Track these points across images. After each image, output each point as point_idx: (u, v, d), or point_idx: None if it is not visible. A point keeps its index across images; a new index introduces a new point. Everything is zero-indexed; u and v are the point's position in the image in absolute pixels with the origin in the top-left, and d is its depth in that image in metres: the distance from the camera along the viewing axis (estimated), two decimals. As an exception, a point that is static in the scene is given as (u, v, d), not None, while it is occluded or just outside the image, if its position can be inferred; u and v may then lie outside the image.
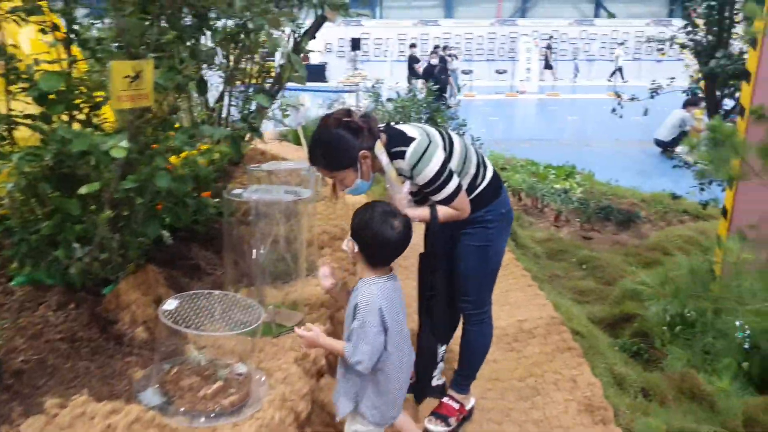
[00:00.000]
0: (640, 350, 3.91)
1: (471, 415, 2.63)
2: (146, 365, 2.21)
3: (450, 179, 2.18)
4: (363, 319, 1.89)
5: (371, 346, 1.88)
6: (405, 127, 2.25)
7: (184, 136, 2.12)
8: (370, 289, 1.93)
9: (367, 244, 1.95)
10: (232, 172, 4.24)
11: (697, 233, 6.15)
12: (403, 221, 1.97)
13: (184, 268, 2.90)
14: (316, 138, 2.15)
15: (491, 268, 2.44)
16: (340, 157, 2.11)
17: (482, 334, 2.51)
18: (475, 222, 2.34)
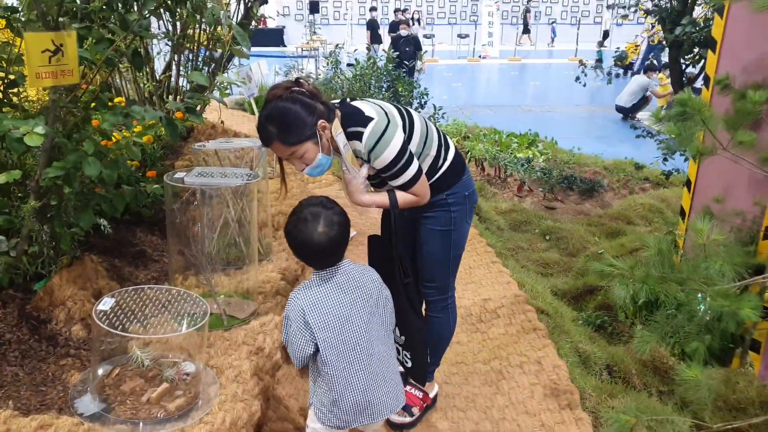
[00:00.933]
0: (604, 323, 3.91)
1: (435, 402, 2.54)
2: (84, 368, 2.04)
3: (410, 163, 2.02)
4: (286, 312, 1.83)
5: (290, 342, 1.81)
6: (362, 105, 2.06)
7: (116, 118, 1.90)
8: (298, 292, 1.84)
9: (293, 246, 1.83)
10: (180, 147, 4.00)
11: (659, 201, 6.18)
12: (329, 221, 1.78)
13: (128, 255, 2.70)
14: (266, 114, 1.91)
15: (455, 253, 2.31)
16: (298, 128, 1.89)
17: (447, 321, 2.40)
18: (437, 205, 2.20)
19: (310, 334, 1.77)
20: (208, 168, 2.46)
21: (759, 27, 3.16)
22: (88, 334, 2.17)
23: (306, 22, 17.64)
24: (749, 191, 3.21)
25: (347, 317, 1.80)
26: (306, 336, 1.77)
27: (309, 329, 1.76)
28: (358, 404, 1.81)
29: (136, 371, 2.05)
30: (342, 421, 1.82)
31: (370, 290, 1.88)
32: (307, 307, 1.77)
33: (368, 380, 1.82)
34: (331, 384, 1.79)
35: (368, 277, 1.91)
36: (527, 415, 2.45)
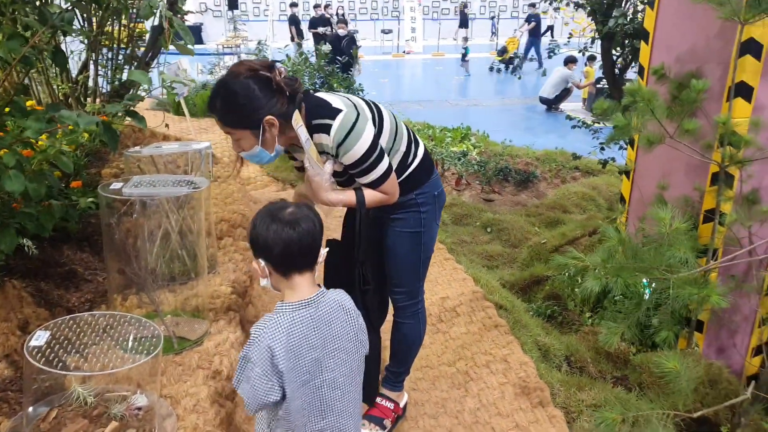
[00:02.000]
0: (554, 313, 3.93)
1: (404, 412, 2.43)
2: (15, 412, 1.79)
3: (380, 159, 1.89)
4: (247, 352, 1.48)
5: (251, 386, 1.46)
6: (328, 96, 1.91)
7: (39, 124, 1.66)
8: (267, 322, 1.49)
9: (267, 251, 1.52)
10: (105, 154, 3.69)
11: (591, 189, 6.35)
12: (295, 212, 1.53)
13: (57, 277, 2.43)
14: (220, 84, 1.79)
15: (425, 256, 2.20)
16: (241, 113, 1.76)
17: (417, 327, 2.29)
18: (405, 206, 2.08)
19: (278, 380, 1.47)
20: (146, 176, 2.23)
21: (689, 18, 3.23)
22: (15, 373, 1.92)
23: (225, 19, 17.11)
24: (687, 177, 3.28)
25: (317, 360, 1.53)
26: (272, 382, 1.46)
27: (277, 375, 1.46)
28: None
29: (77, 411, 1.81)
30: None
31: (349, 323, 1.60)
32: (276, 345, 1.45)
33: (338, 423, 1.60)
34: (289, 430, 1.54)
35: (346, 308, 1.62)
36: (500, 417, 2.39)
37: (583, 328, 3.66)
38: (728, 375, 2.80)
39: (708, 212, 2.75)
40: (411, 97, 13.19)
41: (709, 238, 2.71)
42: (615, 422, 1.75)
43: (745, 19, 2.40)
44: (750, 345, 2.84)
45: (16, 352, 1.92)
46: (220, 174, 4.16)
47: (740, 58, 2.54)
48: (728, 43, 2.70)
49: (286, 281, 1.54)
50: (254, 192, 5.31)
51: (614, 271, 2.01)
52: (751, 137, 2.43)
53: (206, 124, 7.03)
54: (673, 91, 2.91)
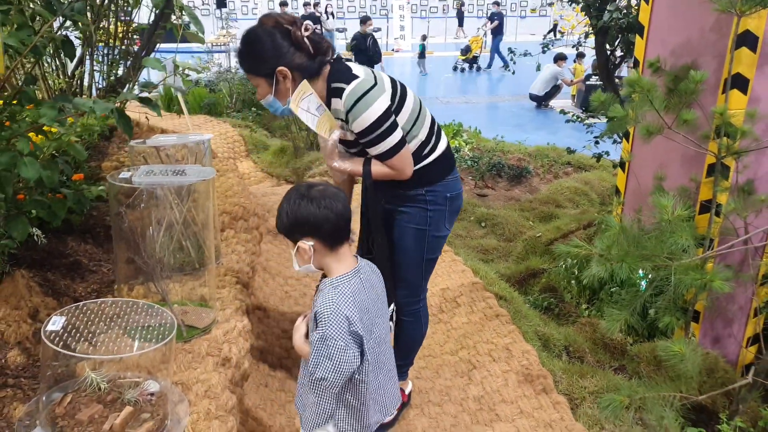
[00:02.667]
0: (551, 305, 3.98)
1: (410, 399, 2.47)
2: (28, 398, 1.80)
3: (392, 131, 1.87)
4: (324, 332, 1.55)
5: (335, 362, 1.55)
6: (354, 65, 1.94)
7: (52, 112, 1.67)
8: (333, 295, 1.59)
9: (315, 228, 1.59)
10: (104, 148, 3.69)
11: (583, 184, 6.42)
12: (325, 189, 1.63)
13: (62, 267, 2.44)
14: (247, 31, 1.89)
15: (429, 256, 2.17)
16: (257, 60, 1.87)
17: (417, 325, 2.30)
18: (413, 200, 2.06)
19: (359, 346, 1.58)
20: (155, 166, 2.24)
21: (683, 11, 3.28)
22: (27, 359, 1.92)
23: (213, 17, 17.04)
24: (683, 168, 3.34)
25: (374, 317, 1.68)
26: (353, 349, 1.56)
27: (357, 340, 1.57)
28: (379, 405, 1.73)
29: (91, 396, 1.82)
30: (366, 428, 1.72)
31: (379, 289, 1.78)
32: (351, 311, 1.56)
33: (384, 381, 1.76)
34: (360, 394, 1.66)
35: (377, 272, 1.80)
36: (504, 404, 2.43)
37: (580, 319, 3.70)
38: (724, 364, 2.85)
39: (704, 203, 2.80)
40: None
41: (705, 228, 2.76)
42: (622, 404, 1.79)
43: (741, 11, 2.45)
44: (746, 334, 2.90)
45: (27, 339, 1.92)
46: (219, 168, 4.17)
47: (736, 50, 2.59)
48: (723, 36, 2.76)
49: (334, 255, 1.64)
50: (250, 187, 5.31)
51: (619, 258, 2.05)
52: (747, 128, 2.48)
53: (199, 121, 7.03)
54: (668, 83, 2.96)
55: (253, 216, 3.49)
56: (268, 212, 4.37)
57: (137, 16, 4.41)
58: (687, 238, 2.15)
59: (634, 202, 3.77)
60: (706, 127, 2.70)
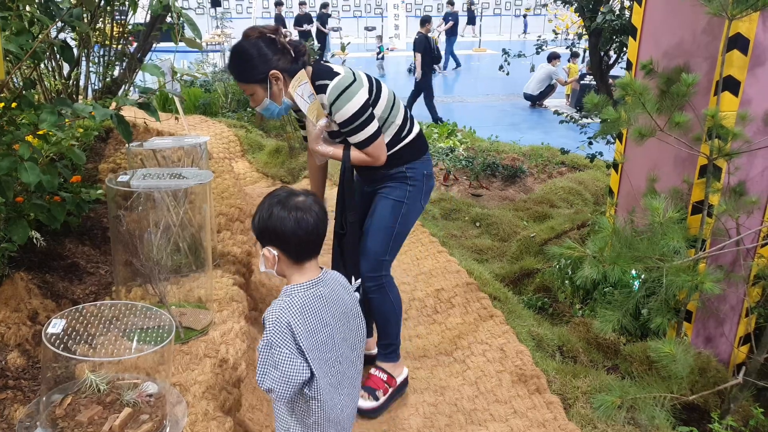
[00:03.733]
0: (545, 305, 4.01)
1: (405, 387, 2.53)
2: (28, 399, 1.81)
3: (369, 122, 2.13)
4: (268, 339, 1.49)
5: (281, 371, 1.47)
6: (334, 65, 2.20)
7: (52, 117, 1.69)
8: (282, 303, 1.53)
9: (280, 239, 1.54)
10: (101, 150, 3.70)
11: (577, 184, 6.45)
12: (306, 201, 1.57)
13: (60, 270, 2.45)
14: (235, 46, 2.13)
15: (400, 228, 2.36)
16: (249, 69, 2.08)
17: (385, 300, 2.40)
18: (395, 178, 2.30)
19: (303, 357, 1.49)
20: (153, 169, 2.26)
21: (676, 14, 3.32)
22: (27, 361, 1.94)
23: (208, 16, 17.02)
24: (675, 170, 3.37)
25: (335, 333, 1.58)
26: (299, 360, 1.48)
27: (301, 353, 1.49)
28: (340, 426, 1.63)
29: (91, 398, 1.84)
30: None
31: (349, 303, 1.67)
32: (296, 321, 1.49)
33: (344, 402, 1.64)
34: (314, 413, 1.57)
35: (345, 287, 1.69)
36: (498, 404, 2.46)
37: (574, 319, 3.73)
38: (716, 364, 2.89)
39: (696, 204, 2.84)
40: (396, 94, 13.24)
41: (697, 229, 2.79)
42: (614, 405, 1.82)
43: (732, 14, 2.49)
44: (737, 334, 2.93)
45: (27, 341, 1.94)
46: (215, 169, 4.18)
47: (728, 53, 2.63)
48: (715, 39, 2.79)
49: (297, 266, 1.57)
50: (245, 188, 5.32)
51: (611, 259, 2.08)
52: (738, 130, 2.52)
53: (194, 121, 7.03)
54: (661, 85, 2.99)
55: (249, 217, 3.51)
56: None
57: (133, 17, 4.42)
58: (678, 240, 2.18)
59: (627, 203, 3.80)
60: (698, 129, 2.73)
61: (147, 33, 4.38)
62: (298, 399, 1.56)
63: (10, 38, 1.86)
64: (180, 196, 2.35)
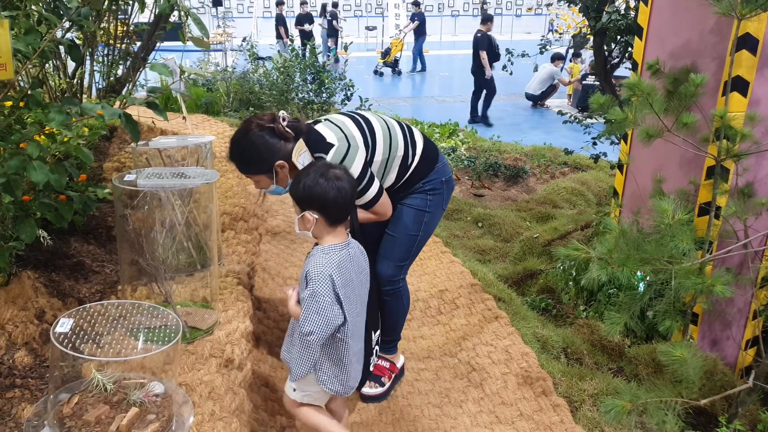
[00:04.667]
0: (548, 306, 4.00)
1: (403, 373, 2.62)
2: (35, 398, 1.81)
3: (371, 185, 2.12)
4: (313, 289, 1.78)
5: (322, 317, 1.77)
6: (323, 129, 2.13)
7: (60, 116, 1.68)
8: (322, 260, 1.82)
9: (324, 205, 1.82)
10: (105, 148, 3.69)
11: (580, 185, 6.44)
12: (340, 173, 1.88)
13: (66, 268, 2.44)
14: (236, 139, 2.10)
15: (422, 236, 2.36)
16: (255, 163, 2.08)
17: (398, 304, 2.46)
18: (415, 192, 2.30)
19: (340, 305, 1.80)
20: (159, 168, 2.25)
21: (682, 14, 3.31)
22: (34, 360, 1.93)
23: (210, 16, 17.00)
24: (682, 171, 3.36)
25: (356, 290, 1.88)
26: (337, 307, 1.79)
27: (339, 301, 1.79)
28: (357, 373, 1.96)
29: (98, 397, 1.83)
30: (344, 388, 1.94)
31: (365, 267, 1.98)
32: (335, 274, 1.79)
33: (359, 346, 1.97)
34: (341, 351, 1.88)
35: (364, 254, 2.00)
36: (504, 406, 2.45)
37: (578, 321, 3.72)
38: (723, 367, 2.88)
39: (703, 205, 2.83)
40: (397, 94, 13.24)
41: (704, 230, 2.78)
42: (624, 409, 1.81)
43: (741, 14, 2.48)
44: (745, 337, 2.92)
45: (34, 340, 1.93)
46: (218, 168, 4.17)
47: (736, 53, 2.62)
48: (723, 38, 2.78)
49: (331, 229, 1.87)
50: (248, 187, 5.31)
51: (620, 261, 2.07)
52: (747, 131, 2.51)
53: (196, 120, 7.01)
54: (667, 86, 2.98)
55: (253, 217, 3.50)
56: (266, 212, 4.38)
57: (137, 16, 4.41)
58: (687, 241, 2.17)
59: (632, 203, 3.79)
60: (706, 130, 2.72)
61: (151, 32, 4.37)
62: (328, 341, 1.87)
63: (18, 37, 1.85)
64: (185, 195, 2.35)
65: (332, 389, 1.93)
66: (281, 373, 2.73)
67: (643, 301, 2.41)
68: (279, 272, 3.60)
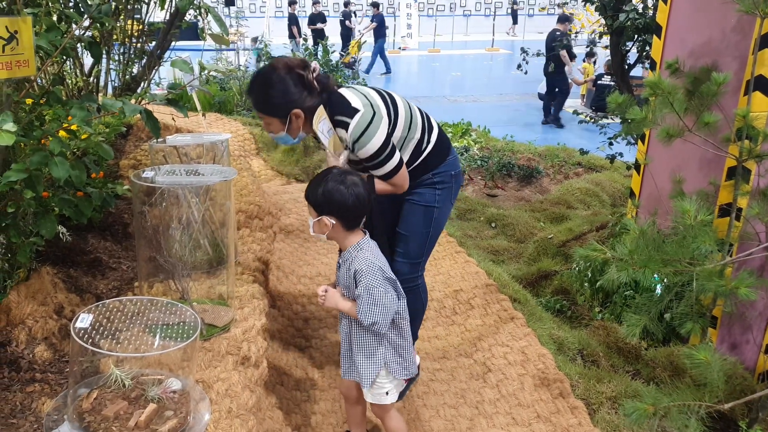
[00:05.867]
0: (563, 308, 3.97)
1: (418, 373, 2.58)
2: (55, 393, 1.81)
3: (392, 155, 2.09)
4: (366, 283, 1.86)
5: (380, 306, 1.86)
6: (347, 94, 2.10)
7: (82, 113, 1.68)
8: (364, 254, 1.91)
9: (342, 211, 1.88)
10: (121, 146, 3.71)
11: (594, 185, 6.39)
12: (357, 180, 1.92)
13: (84, 264, 2.45)
14: (259, 73, 2.07)
15: (434, 231, 2.36)
16: (272, 104, 2.03)
17: (417, 300, 2.44)
18: (423, 184, 2.27)
19: (393, 286, 1.91)
20: (177, 166, 2.25)
21: (703, 12, 3.27)
22: (54, 355, 1.94)
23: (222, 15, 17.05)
24: (701, 171, 3.33)
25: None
26: (391, 292, 1.89)
27: (391, 282, 1.90)
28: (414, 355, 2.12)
29: (116, 392, 1.84)
30: (410, 371, 2.03)
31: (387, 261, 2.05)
32: (382, 263, 1.90)
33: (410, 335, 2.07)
34: (404, 333, 1.99)
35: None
36: (521, 407, 2.43)
37: (594, 322, 3.69)
38: (743, 371, 2.84)
39: (724, 206, 2.79)
40: (408, 93, 13.18)
41: (724, 232, 2.75)
42: (646, 412, 1.78)
43: (764, 12, 2.44)
44: (765, 341, 2.88)
45: (54, 335, 1.94)
46: (234, 166, 4.18)
47: (759, 52, 2.58)
48: (745, 37, 2.74)
49: (347, 232, 1.93)
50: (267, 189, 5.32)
51: (642, 263, 2.05)
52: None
53: (210, 119, 7.04)
54: (687, 85, 2.94)
55: (268, 215, 3.50)
56: (280, 211, 4.39)
57: (152, 15, 4.42)
58: (710, 243, 2.14)
59: (649, 204, 3.75)
60: (727, 130, 2.69)
61: (167, 30, 4.38)
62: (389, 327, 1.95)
63: (40, 34, 1.85)
64: (202, 193, 2.35)
65: (404, 375, 2.02)
66: (295, 371, 2.73)
67: (662, 303, 2.37)
68: (293, 270, 3.60)
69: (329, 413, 2.45)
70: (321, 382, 2.64)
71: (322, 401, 2.52)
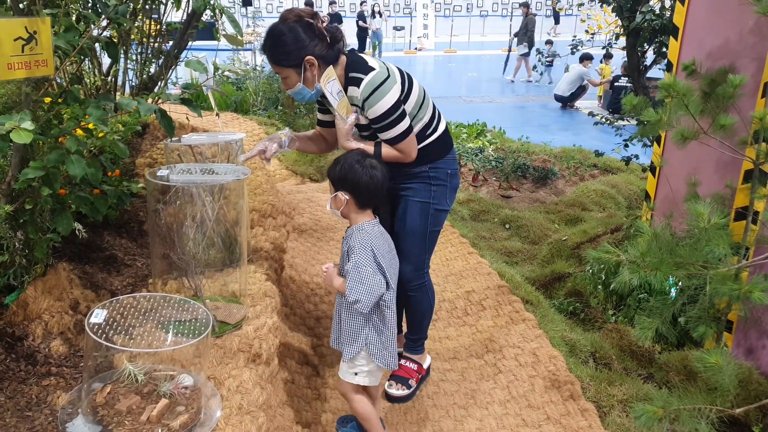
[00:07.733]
0: (576, 310, 3.95)
1: (429, 373, 2.62)
2: (70, 387, 1.84)
3: (401, 119, 2.12)
4: (356, 260, 1.93)
5: (366, 285, 1.91)
6: (368, 57, 2.17)
7: (98, 111, 1.71)
8: (361, 234, 1.98)
9: (356, 188, 1.99)
10: (137, 144, 3.75)
11: (610, 187, 6.35)
12: (375, 163, 2.03)
13: (99, 261, 2.49)
14: (271, 27, 2.11)
15: (432, 229, 2.37)
16: (285, 53, 2.06)
17: (425, 297, 2.46)
18: (417, 177, 2.29)
19: (382, 273, 1.95)
20: (192, 164, 2.28)
21: (721, 14, 3.24)
22: (69, 349, 1.97)
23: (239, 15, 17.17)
24: (717, 174, 3.29)
25: (391, 265, 2.04)
26: (379, 276, 1.93)
27: (381, 270, 1.94)
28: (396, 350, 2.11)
29: (129, 387, 1.86)
30: (391, 362, 2.07)
31: (393, 248, 2.13)
32: (375, 245, 1.96)
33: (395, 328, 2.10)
34: (387, 319, 2.02)
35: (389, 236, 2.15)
36: (531, 409, 2.42)
37: (607, 325, 3.67)
38: (758, 376, 2.81)
39: (740, 210, 2.76)
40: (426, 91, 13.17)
41: (740, 236, 2.72)
42: (656, 416, 1.77)
43: (782, 16, 2.42)
44: (780, 345, 2.85)
45: (69, 330, 1.97)
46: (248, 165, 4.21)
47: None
48: (763, 39, 2.71)
49: (360, 211, 2.05)
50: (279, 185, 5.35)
51: (654, 265, 2.04)
52: (787, 135, 2.44)
53: (226, 118, 7.09)
54: (704, 87, 2.91)
55: (282, 214, 3.53)
56: (294, 210, 4.41)
57: (170, 14, 4.47)
58: (724, 246, 2.13)
59: (664, 206, 3.72)
60: (744, 133, 2.66)
61: (183, 31, 4.42)
62: (374, 311, 2.01)
63: (59, 34, 1.89)
64: (216, 191, 2.37)
65: (383, 363, 2.05)
66: (306, 369, 2.74)
67: (676, 307, 2.35)
68: (305, 269, 3.62)
69: (339, 411, 2.47)
70: (332, 380, 2.65)
71: (332, 399, 2.54)
